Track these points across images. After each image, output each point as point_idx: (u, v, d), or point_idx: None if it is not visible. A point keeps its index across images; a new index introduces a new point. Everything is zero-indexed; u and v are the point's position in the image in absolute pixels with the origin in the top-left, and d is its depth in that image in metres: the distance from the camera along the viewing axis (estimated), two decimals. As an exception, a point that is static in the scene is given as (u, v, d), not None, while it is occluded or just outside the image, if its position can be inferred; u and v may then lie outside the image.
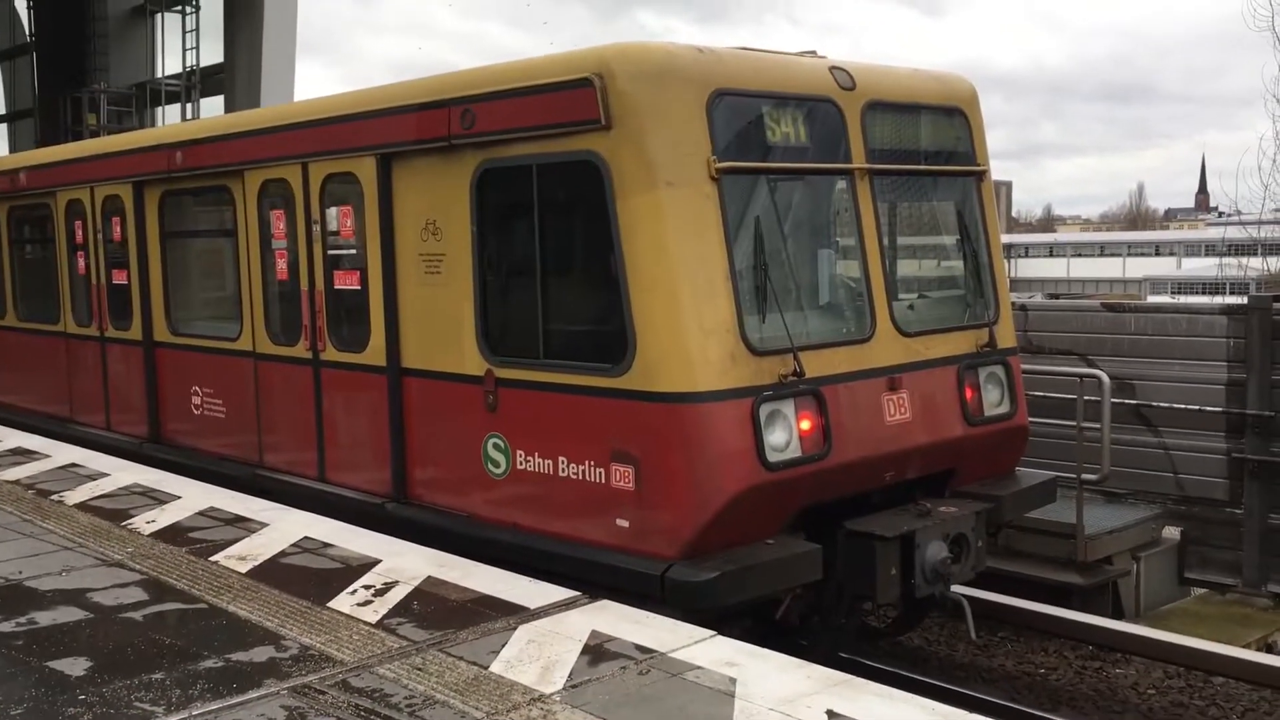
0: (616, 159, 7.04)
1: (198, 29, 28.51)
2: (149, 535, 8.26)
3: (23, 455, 11.34)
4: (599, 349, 7.31)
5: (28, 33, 32.97)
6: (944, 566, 7.75)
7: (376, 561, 7.44)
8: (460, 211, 8.03)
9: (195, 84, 28.62)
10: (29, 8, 32.47)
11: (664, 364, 6.94)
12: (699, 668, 5.55)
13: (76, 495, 9.55)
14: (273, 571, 7.31)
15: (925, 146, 8.57)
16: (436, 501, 8.48)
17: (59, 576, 7.27)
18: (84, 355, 12.80)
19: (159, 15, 29.66)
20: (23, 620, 6.42)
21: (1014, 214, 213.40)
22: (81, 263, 12.61)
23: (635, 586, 6.96)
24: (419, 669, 5.61)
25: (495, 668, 5.60)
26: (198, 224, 11.48)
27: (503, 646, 5.88)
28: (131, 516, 8.79)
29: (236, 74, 26.23)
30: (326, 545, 7.88)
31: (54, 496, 9.51)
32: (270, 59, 25.42)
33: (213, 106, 29.02)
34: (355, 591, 6.84)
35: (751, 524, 7.15)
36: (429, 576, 7.08)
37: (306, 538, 8.07)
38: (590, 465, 7.34)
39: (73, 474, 10.43)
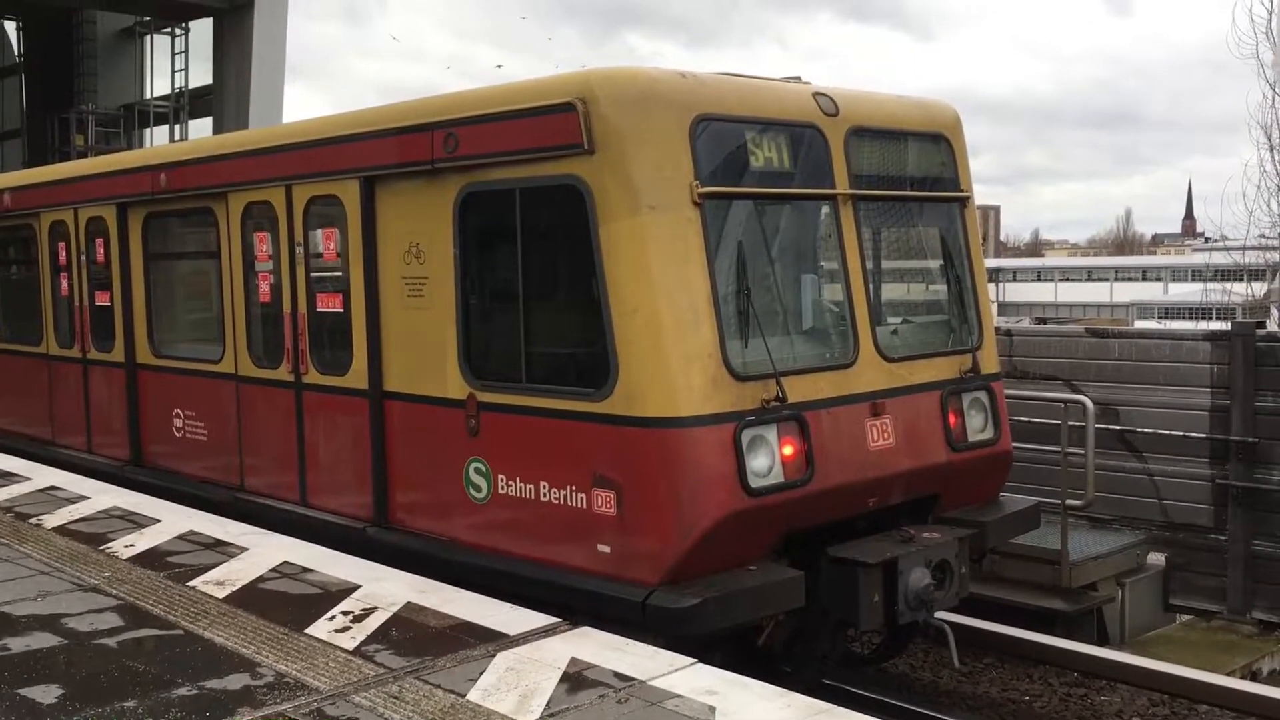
0: (599, 183, 7.04)
1: (187, 51, 28.58)
2: (127, 560, 8.18)
3: (2, 478, 11.25)
4: (581, 373, 7.33)
5: (16, 53, 32.97)
6: (927, 593, 7.72)
7: (356, 587, 7.37)
8: (443, 235, 8.03)
9: (184, 105, 28.65)
10: (18, 29, 32.48)
11: (646, 389, 6.92)
12: (679, 696, 5.50)
13: (55, 519, 9.46)
14: (251, 597, 7.25)
15: (909, 172, 8.61)
16: (418, 526, 8.42)
17: (34, 601, 7.18)
18: (66, 377, 12.75)
19: (148, 37, 29.70)
20: (-5, 646, 6.35)
21: (1002, 238, 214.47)
22: (65, 284, 12.58)
23: (617, 613, 6.92)
24: (395, 697, 5.55)
25: (473, 696, 5.54)
26: (181, 246, 11.44)
27: (481, 674, 5.82)
28: (110, 540, 8.71)
29: (225, 96, 26.25)
30: (306, 570, 7.82)
31: (32, 520, 9.43)
32: (259, 81, 25.45)
33: (201, 128, 29.04)
34: (334, 617, 6.78)
35: (734, 550, 7.11)
36: (409, 602, 7.02)
37: (286, 563, 8.01)
38: (572, 490, 7.30)
39: (52, 497, 10.35)
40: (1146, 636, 10.87)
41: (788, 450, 7.27)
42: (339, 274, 8.99)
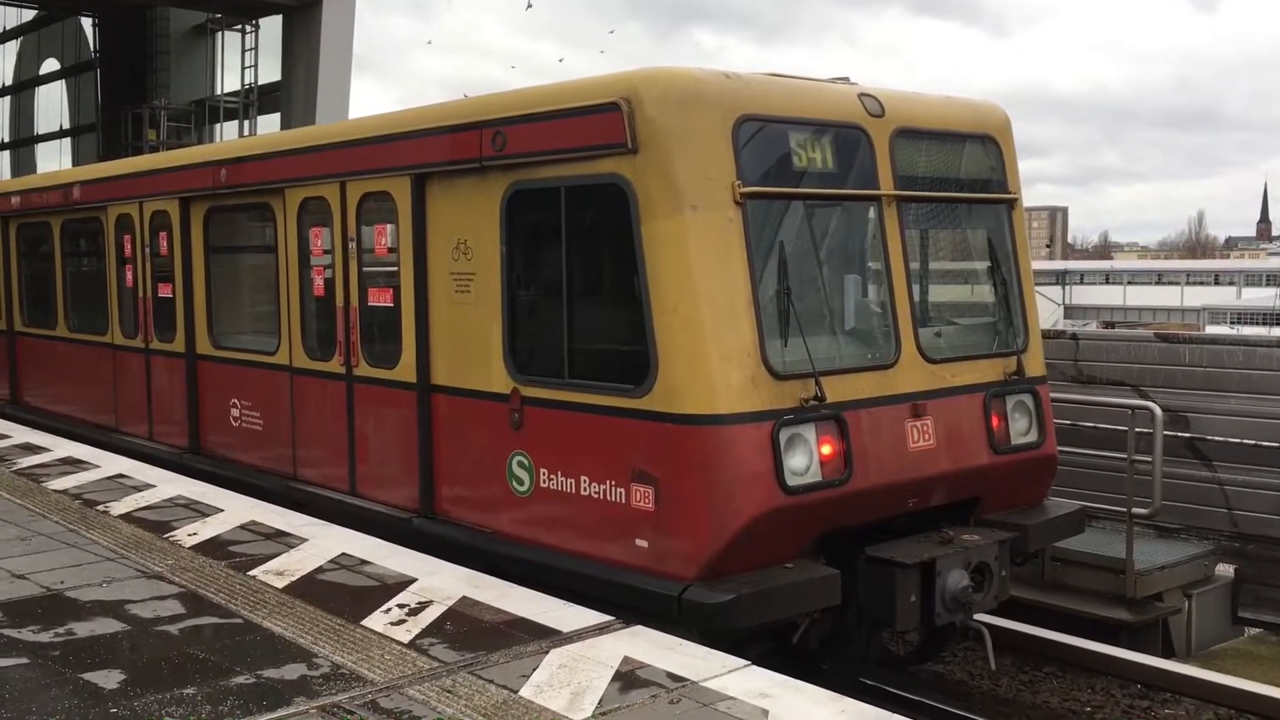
0: (642, 182, 7.11)
1: (257, 47, 28.99)
2: (190, 548, 8.31)
3: (72, 465, 11.50)
4: (622, 370, 7.37)
5: (92, 50, 33.71)
6: (965, 595, 7.67)
7: (412, 580, 7.42)
8: (490, 232, 8.16)
9: (253, 101, 29.09)
10: (94, 25, 33.20)
11: (685, 386, 6.99)
12: (731, 698, 5.46)
13: (121, 506, 9.65)
14: (309, 588, 7.32)
15: (955, 174, 8.55)
16: (463, 518, 8.55)
17: (99, 588, 7.32)
18: (129, 366, 13.07)
19: (219, 34, 30.19)
20: (61, 631, 6.47)
21: (1070, 240, 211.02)
22: (129, 276, 12.91)
23: (653, 607, 6.97)
24: (448, 691, 5.57)
25: (525, 692, 5.54)
26: (240, 239, 11.75)
27: (534, 670, 5.82)
28: (174, 529, 8.86)
29: (293, 91, 26.62)
30: (363, 562, 7.89)
31: (99, 507, 9.62)
32: (326, 77, 25.75)
33: (270, 123, 29.45)
34: (389, 610, 6.83)
35: (770, 547, 7.13)
36: (463, 597, 7.05)
37: (344, 554, 8.08)
38: (611, 485, 7.38)
39: (119, 485, 10.55)
40: (1214, 649, 10.62)
41: (826, 450, 7.29)
42: (390, 269, 9.12)
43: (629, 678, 5.73)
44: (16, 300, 15.86)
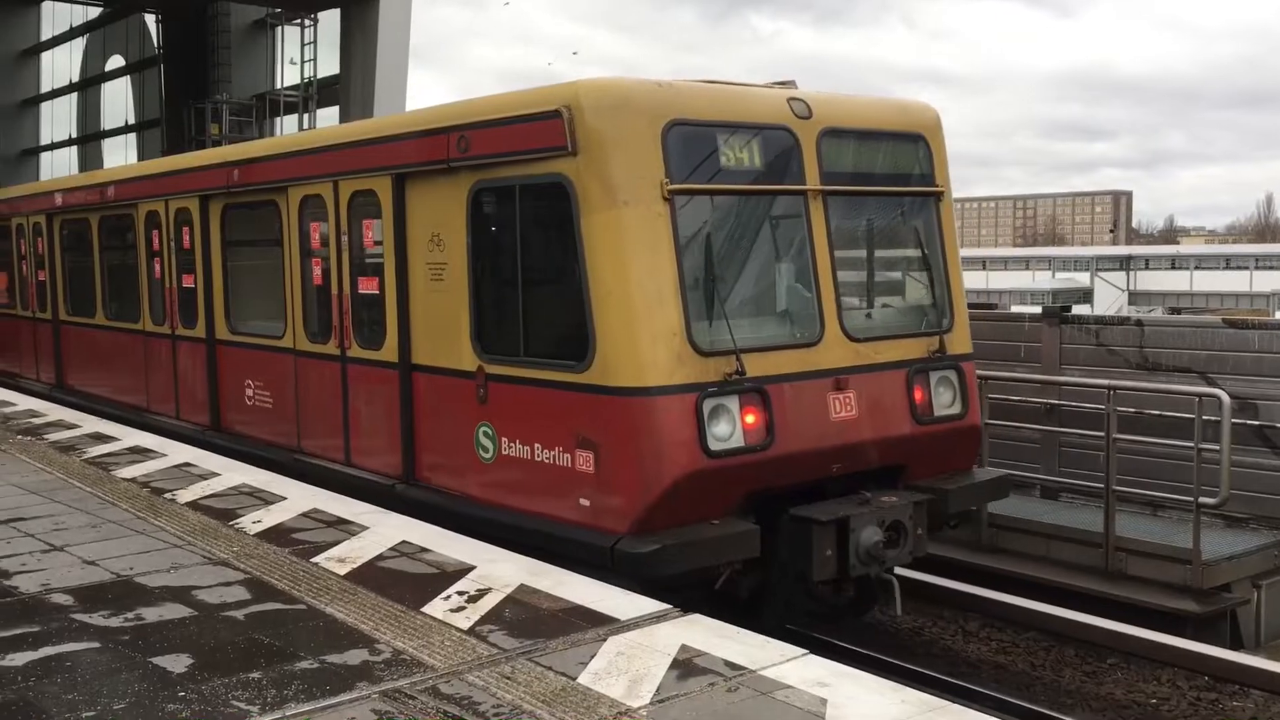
0: (581, 181, 7.97)
1: (315, 41, 29.28)
2: (254, 535, 8.46)
3: (139, 454, 11.74)
4: (567, 348, 8.22)
5: (156, 46, 34.28)
6: (877, 550, 8.43)
7: (471, 568, 7.49)
8: (458, 225, 9.06)
9: (312, 95, 29.40)
10: (157, 22, 33.75)
11: (618, 362, 7.86)
12: (789, 687, 5.45)
13: (188, 494, 9.84)
14: (370, 574, 7.42)
15: (882, 169, 9.32)
16: (439, 483, 9.47)
17: (167, 574, 7.48)
18: (158, 351, 14.21)
19: (279, 28, 30.56)
20: (130, 616, 6.62)
21: (1134, 225, 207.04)
22: (157, 268, 13.99)
23: (592, 558, 7.81)
24: (508, 678, 5.62)
25: (583, 679, 5.57)
26: (252, 234, 12.53)
27: (591, 658, 5.85)
28: (239, 516, 9.02)
29: (351, 85, 26.87)
30: (423, 550, 7.97)
31: (167, 495, 9.82)
32: (383, 70, 25.96)
33: (329, 117, 29.76)
34: (449, 597, 6.90)
35: (697, 505, 7.97)
36: (521, 584, 7.10)
37: (404, 542, 8.18)
38: (559, 451, 8.30)
39: (185, 473, 10.76)
40: (1284, 641, 10.40)
41: (750, 419, 8.09)
42: (376, 259, 10.07)
43: (686, 665, 5.74)
44: (61, 292, 17.05)
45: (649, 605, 6.72)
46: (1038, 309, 13.45)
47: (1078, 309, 12.96)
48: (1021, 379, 12.30)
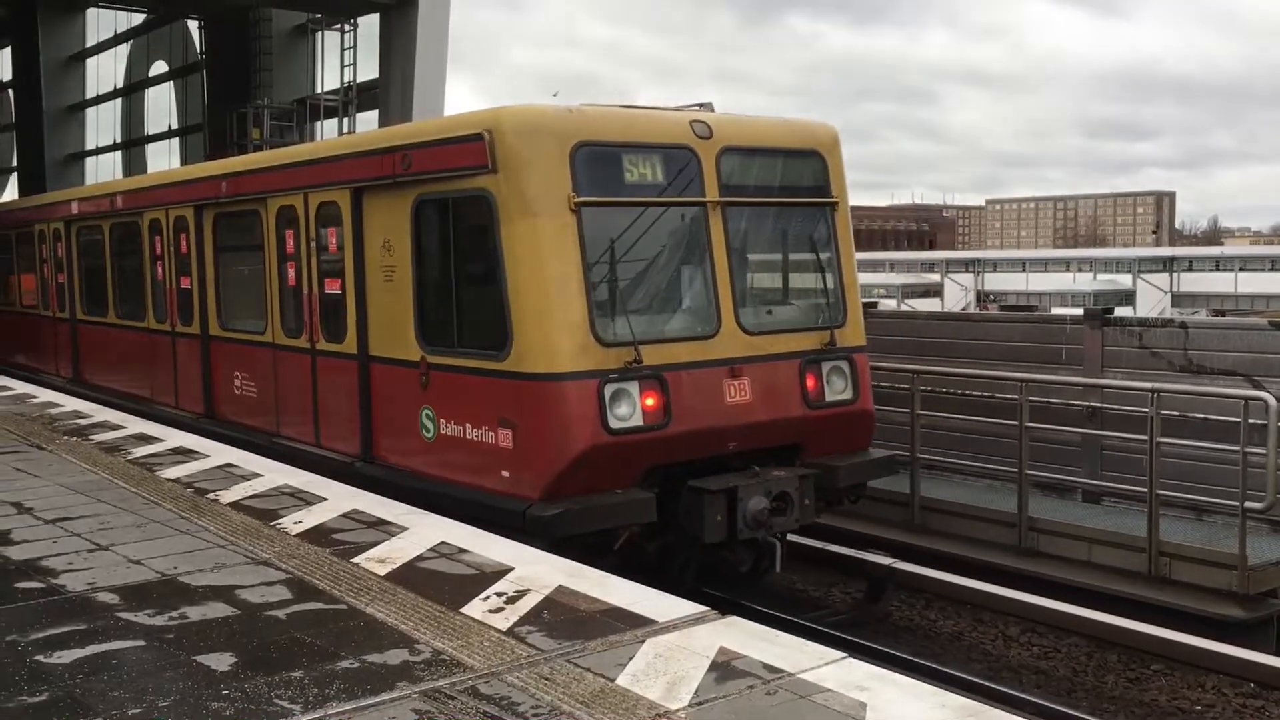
0: (501, 194, 9.14)
1: (355, 46, 29.50)
2: (295, 535, 8.54)
3: (183, 454, 11.89)
4: (490, 339, 9.36)
5: (199, 51, 34.70)
6: (763, 516, 9.48)
7: (510, 569, 7.52)
8: (404, 233, 10.27)
9: (352, 99, 29.61)
10: (200, 28, 34.16)
11: (531, 351, 9.05)
12: (828, 690, 5.43)
13: (230, 494, 9.95)
14: (410, 575, 7.47)
15: (780, 182, 10.40)
16: (391, 461, 10.70)
17: (210, 573, 7.57)
18: (160, 347, 15.57)
19: (319, 33, 30.82)
20: (174, 614, 6.71)
21: (1178, 225, 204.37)
22: (159, 270, 15.37)
23: (510, 522, 8.85)
24: (546, 679, 5.64)
25: (621, 681, 5.58)
26: (239, 240, 13.72)
27: (630, 660, 5.86)
28: (280, 516, 9.11)
29: (390, 89, 27.05)
30: (462, 550, 8.01)
31: (210, 495, 9.93)
32: (422, 74, 26.12)
33: (369, 120, 29.99)
34: (488, 598, 6.93)
35: (600, 476, 9.04)
36: (560, 586, 7.12)
37: (443, 542, 8.22)
38: (485, 430, 9.46)
39: (228, 473, 10.88)
40: (1333, 649, 10.21)
41: (649, 401, 9.16)
42: (338, 263, 11.28)
43: (725, 668, 5.74)
44: (78, 293, 18.56)
45: (687, 608, 6.72)
46: (1079, 311, 13.29)
47: (1120, 311, 12.79)
48: (1063, 382, 12.19)
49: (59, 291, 19.25)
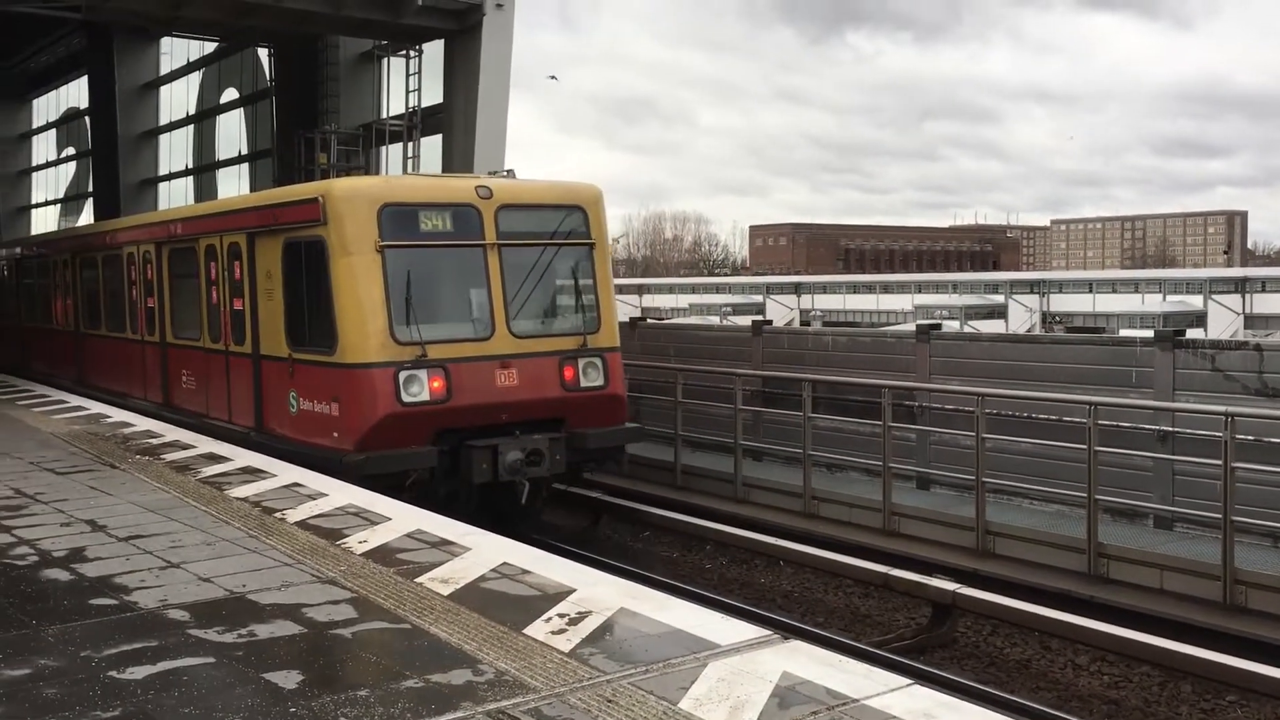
0: (330, 240, 12.96)
1: (420, 72, 29.90)
2: (360, 555, 8.63)
3: (251, 474, 12.09)
4: (326, 341, 13.07)
5: (268, 79, 35.39)
6: (518, 465, 12.92)
7: (571, 590, 7.53)
8: (277, 264, 14.08)
9: (416, 124, 29.97)
10: (270, 56, 34.85)
11: (350, 349, 12.79)
12: (893, 718, 5.36)
13: (297, 513, 10.09)
14: (472, 595, 7.52)
15: (547, 229, 13.98)
16: (274, 430, 14.28)
17: (278, 591, 7.67)
18: (133, 353, 19.49)
19: (385, 60, 31.26)
20: (243, 632, 6.81)
21: (1249, 245, 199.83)
22: (134, 293, 19.43)
23: (333, 468, 12.13)
24: (609, 700, 5.63)
25: (684, 704, 5.56)
26: (184, 269, 17.30)
27: (692, 683, 5.84)
28: (345, 536, 9.22)
29: (454, 114, 27.32)
30: (525, 571, 8.05)
31: (277, 514, 10.08)
32: (485, 99, 26.37)
33: (432, 145, 30.35)
34: (550, 619, 6.95)
35: (399, 436, 12.61)
36: (621, 608, 7.12)
37: (505, 563, 8.26)
38: (323, 404, 13.17)
39: (294, 493, 11.04)
40: None
41: (435, 384, 12.76)
42: (241, 286, 14.96)
43: (788, 693, 5.69)
44: (82, 311, 22.91)
45: (749, 631, 6.68)
46: (1148, 333, 13.07)
47: (1191, 333, 12.63)
48: (1134, 405, 11.97)
49: (64, 311, 24.20)
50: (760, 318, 24.56)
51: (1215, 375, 11.82)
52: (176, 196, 39.25)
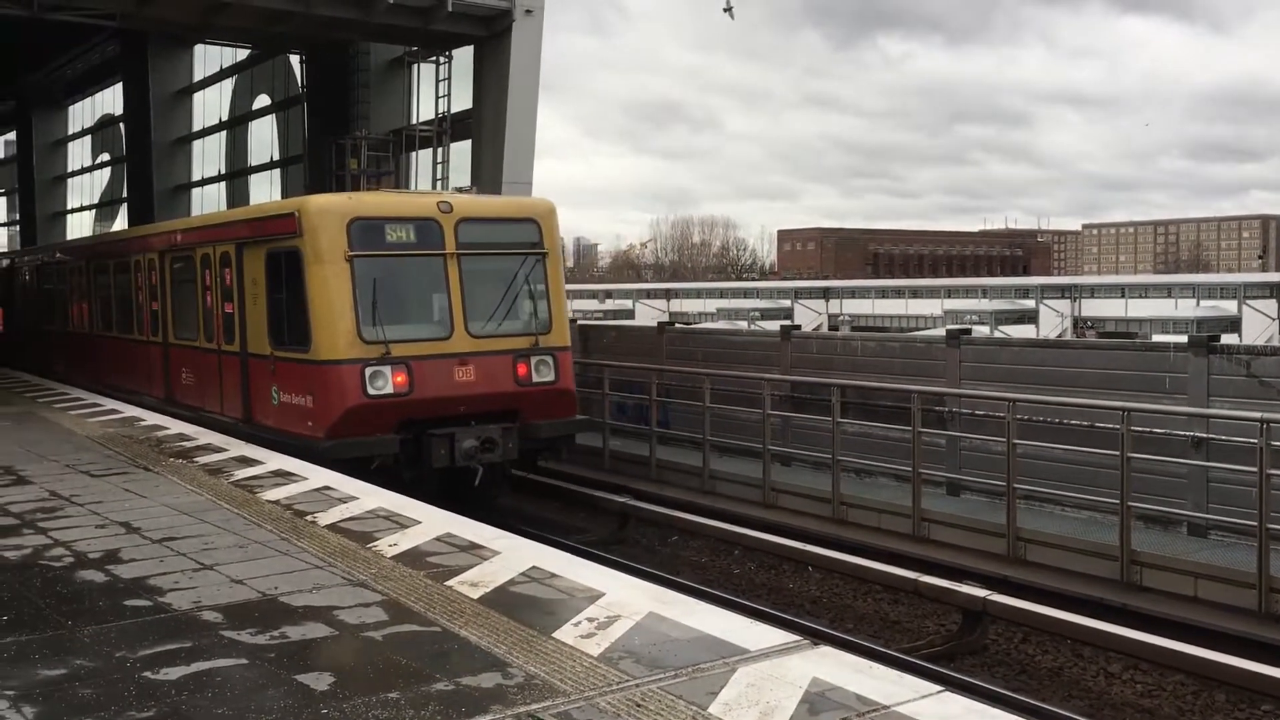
0: (305, 250, 14.24)
1: (450, 78, 30.03)
2: (391, 558, 8.68)
3: (282, 477, 12.18)
4: (301, 340, 14.27)
5: (300, 85, 35.66)
6: (473, 451, 14.08)
7: (600, 594, 7.55)
8: (261, 272, 15.29)
9: (446, 129, 30.10)
10: (301, 62, 35.11)
11: (322, 347, 14.00)
12: (924, 724, 5.34)
13: (328, 517, 10.16)
14: (502, 599, 7.54)
15: (502, 240, 15.39)
16: (260, 421, 15.43)
17: (309, 594, 7.73)
18: (138, 352, 20.92)
19: (415, 66, 31.43)
20: (275, 634, 6.86)
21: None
22: (140, 297, 20.91)
23: (308, 454, 13.40)
24: (638, 705, 5.64)
25: (714, 709, 5.56)
26: (184, 276, 18.57)
27: (721, 688, 5.84)
28: (376, 539, 9.28)
29: (484, 120, 27.41)
30: (553, 575, 8.07)
31: (308, 517, 10.16)
32: (514, 105, 26.47)
33: (462, 150, 30.46)
34: (579, 623, 6.96)
35: (364, 425, 13.84)
36: (650, 613, 7.13)
37: (535, 567, 8.29)
38: (300, 397, 14.36)
39: (326, 496, 11.12)
40: None
41: (398, 379, 13.97)
42: (231, 291, 16.22)
43: (818, 699, 5.68)
44: (97, 314, 24.53)
45: (778, 636, 6.67)
46: (1182, 338, 12.95)
47: (1225, 339, 12.49)
48: (1167, 411, 11.86)
49: (79, 314, 25.77)
50: (789, 322, 25.04)
51: (1250, 381, 11.70)
52: (209, 202, 39.61)
